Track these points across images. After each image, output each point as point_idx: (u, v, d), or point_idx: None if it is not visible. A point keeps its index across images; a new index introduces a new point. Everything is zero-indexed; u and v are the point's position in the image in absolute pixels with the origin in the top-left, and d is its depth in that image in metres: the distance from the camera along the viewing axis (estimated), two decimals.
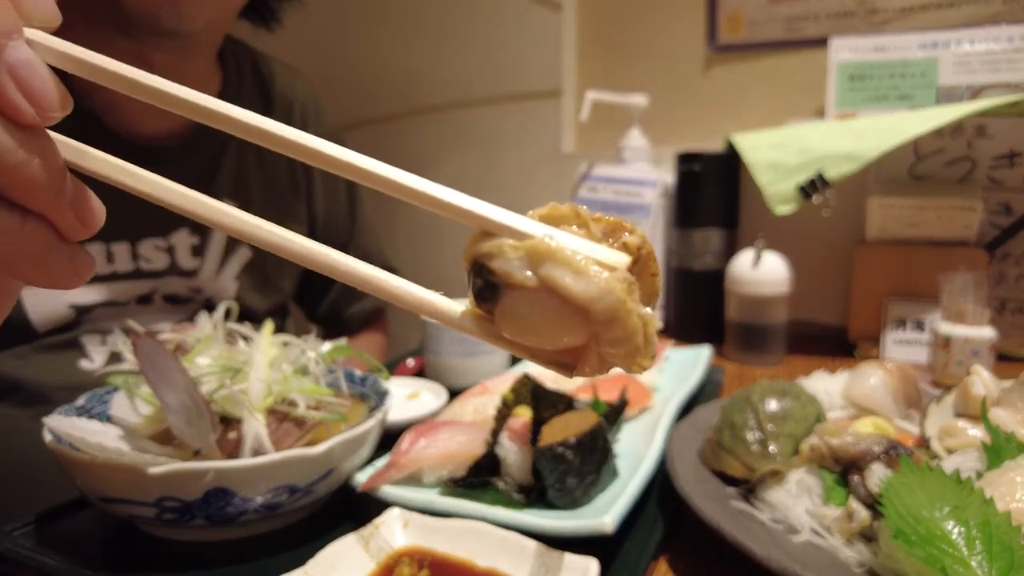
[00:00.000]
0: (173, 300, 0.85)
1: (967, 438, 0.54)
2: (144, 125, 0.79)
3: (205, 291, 0.87)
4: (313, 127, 1.00)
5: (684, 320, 1.15)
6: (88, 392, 0.60)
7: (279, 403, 0.55)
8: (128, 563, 0.50)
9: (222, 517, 0.49)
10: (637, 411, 0.71)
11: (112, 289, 0.79)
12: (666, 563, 0.50)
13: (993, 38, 1.04)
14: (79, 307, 0.77)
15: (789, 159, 0.95)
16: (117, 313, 0.80)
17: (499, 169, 1.48)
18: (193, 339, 0.59)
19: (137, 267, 0.80)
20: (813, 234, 1.09)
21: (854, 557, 0.45)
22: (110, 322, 0.80)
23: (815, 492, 0.51)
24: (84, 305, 0.77)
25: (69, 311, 0.76)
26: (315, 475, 0.51)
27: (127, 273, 0.80)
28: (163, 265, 0.82)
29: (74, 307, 0.77)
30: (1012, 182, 0.98)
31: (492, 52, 1.44)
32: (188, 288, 0.85)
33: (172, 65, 0.77)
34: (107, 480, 0.48)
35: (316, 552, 0.45)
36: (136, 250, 0.80)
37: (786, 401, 0.57)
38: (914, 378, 0.67)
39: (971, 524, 0.40)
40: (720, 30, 1.29)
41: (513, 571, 0.45)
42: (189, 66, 0.82)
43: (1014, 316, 0.99)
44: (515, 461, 0.54)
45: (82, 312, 0.78)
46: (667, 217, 1.19)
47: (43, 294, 0.74)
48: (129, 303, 0.81)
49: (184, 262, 0.84)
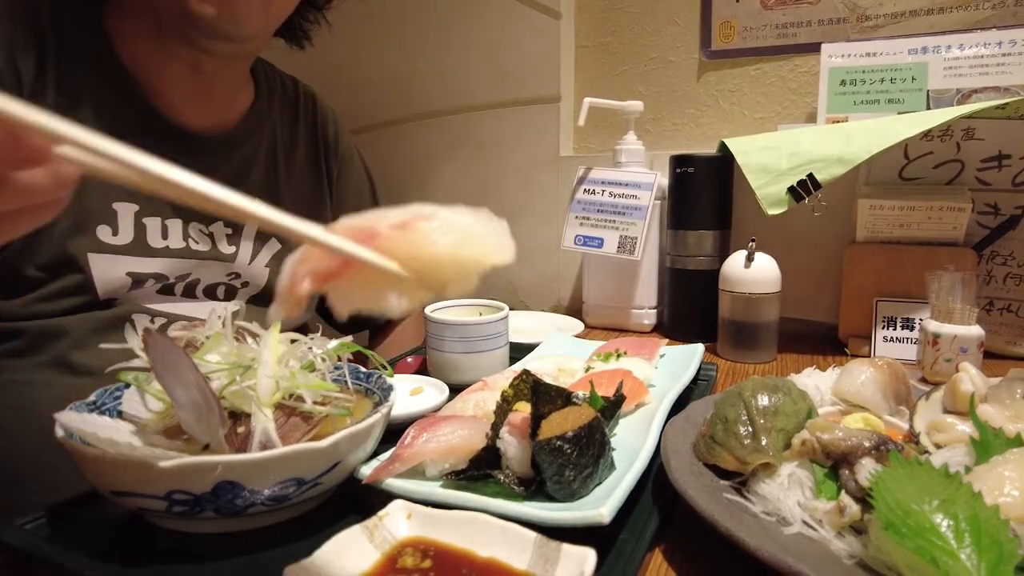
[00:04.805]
0: (213, 285, 0.91)
1: (956, 433, 0.55)
2: (194, 119, 0.89)
3: (243, 276, 0.93)
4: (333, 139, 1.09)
5: (678, 319, 1.16)
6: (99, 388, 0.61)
7: (287, 398, 0.56)
8: (138, 555, 0.51)
9: (231, 509, 0.50)
10: (633, 406, 0.73)
11: (164, 263, 0.85)
12: (661, 553, 0.52)
13: (982, 43, 1.05)
14: (135, 275, 0.82)
15: (781, 162, 0.97)
16: (164, 290, 0.86)
17: (499, 172, 1.49)
18: (203, 336, 0.60)
19: (187, 246, 0.87)
20: (804, 235, 1.11)
21: (845, 549, 0.45)
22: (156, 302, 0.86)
23: (806, 485, 0.51)
24: (139, 274, 0.83)
25: (126, 278, 0.82)
26: (321, 468, 0.52)
27: (178, 250, 0.86)
28: (206, 248, 0.89)
29: (130, 275, 0.82)
30: (1000, 183, 1.00)
31: (494, 59, 1.46)
32: (227, 272, 0.92)
33: (218, 72, 0.89)
34: (118, 474, 0.49)
35: (322, 543, 0.46)
36: (187, 230, 0.87)
37: (777, 396, 0.57)
38: (903, 375, 0.68)
39: (960, 517, 0.40)
40: (714, 37, 1.31)
41: (513, 561, 0.46)
42: (231, 74, 0.93)
43: (1002, 315, 1.01)
44: (515, 454, 0.56)
45: (136, 283, 0.83)
46: (662, 218, 1.20)
47: (106, 262, 0.81)
48: (176, 282, 0.87)
49: (223, 247, 0.91)
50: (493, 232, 0.40)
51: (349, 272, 0.37)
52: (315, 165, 1.06)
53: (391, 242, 0.37)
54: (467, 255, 0.38)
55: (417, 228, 0.37)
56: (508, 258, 0.39)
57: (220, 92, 0.92)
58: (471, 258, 0.38)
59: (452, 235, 0.38)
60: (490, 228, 0.40)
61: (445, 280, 0.38)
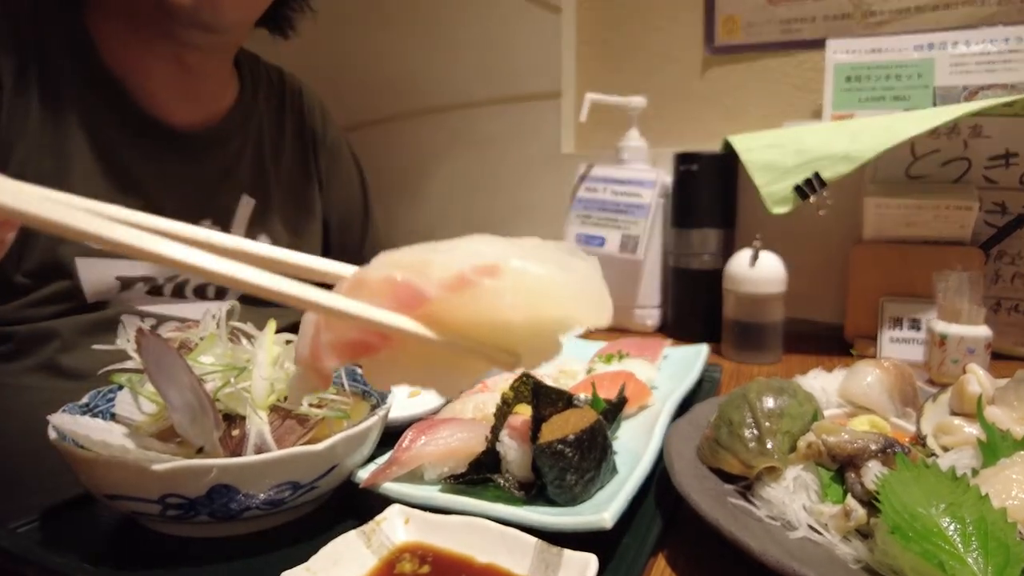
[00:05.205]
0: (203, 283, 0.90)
1: (963, 436, 0.54)
2: (178, 115, 0.88)
3: None
4: (321, 130, 1.08)
5: (682, 319, 1.15)
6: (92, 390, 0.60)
7: (282, 401, 0.56)
8: (132, 559, 0.51)
9: (226, 513, 0.49)
10: (636, 409, 0.72)
11: (153, 265, 0.84)
12: (664, 559, 0.51)
13: (989, 39, 1.04)
14: (124, 279, 0.82)
15: (786, 160, 0.96)
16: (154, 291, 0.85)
17: (499, 169, 1.48)
18: (197, 337, 0.59)
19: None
20: (810, 234, 1.10)
21: (851, 554, 0.45)
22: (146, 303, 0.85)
23: (812, 489, 0.51)
24: (128, 277, 0.82)
25: (115, 282, 0.81)
26: (317, 472, 0.52)
27: None
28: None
29: (119, 278, 0.82)
30: (1007, 182, 0.99)
31: (493, 54, 1.45)
32: None
33: (201, 65, 0.87)
34: (111, 477, 0.48)
35: (319, 548, 0.46)
36: None
37: (783, 399, 0.57)
38: (910, 376, 0.68)
39: (967, 521, 0.40)
40: (717, 32, 1.30)
41: (513, 567, 0.45)
42: (215, 68, 0.92)
43: (1009, 315, 1.00)
44: (515, 458, 0.55)
45: (125, 286, 0.82)
46: (665, 217, 1.19)
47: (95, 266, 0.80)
48: (165, 283, 0.86)
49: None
50: (580, 281, 0.29)
51: (390, 345, 0.29)
52: (303, 158, 1.05)
53: (445, 308, 0.28)
54: (547, 316, 0.28)
55: (479, 288, 0.28)
56: (603, 317, 0.29)
57: (203, 87, 0.91)
58: (552, 320, 0.28)
59: (526, 295, 0.28)
60: (576, 276, 0.29)
61: (518, 350, 0.29)
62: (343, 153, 1.13)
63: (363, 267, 0.29)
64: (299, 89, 1.08)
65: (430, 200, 1.58)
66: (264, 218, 0.96)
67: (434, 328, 0.28)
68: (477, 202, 1.53)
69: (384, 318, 0.27)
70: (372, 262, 0.30)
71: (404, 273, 0.28)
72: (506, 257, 0.28)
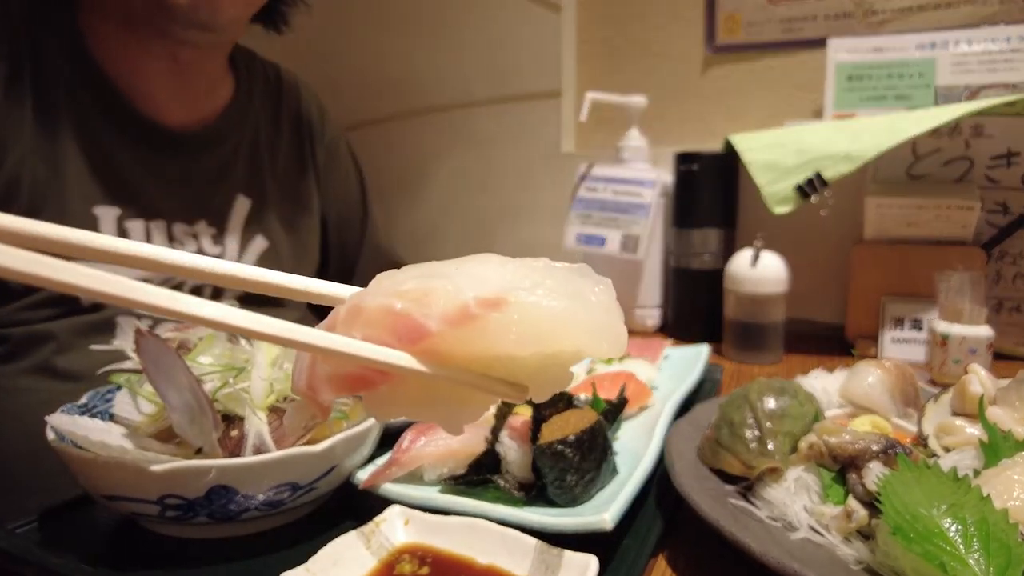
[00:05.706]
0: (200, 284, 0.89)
1: (964, 436, 0.54)
2: (173, 115, 0.88)
3: None
4: (319, 127, 1.07)
5: (683, 319, 1.15)
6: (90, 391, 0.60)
7: (281, 401, 0.56)
8: (131, 560, 0.51)
9: (224, 514, 0.49)
10: (636, 409, 0.72)
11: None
12: (665, 560, 0.51)
13: (991, 38, 1.04)
14: None
15: (787, 159, 0.96)
16: None
17: (499, 169, 1.48)
18: (196, 338, 0.59)
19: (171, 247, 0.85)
20: (811, 233, 1.09)
21: (852, 555, 0.45)
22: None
23: (813, 490, 0.51)
24: None
25: None
26: (316, 473, 0.51)
27: None
28: (192, 249, 0.87)
29: None
30: (1009, 181, 0.99)
31: (492, 53, 1.45)
32: None
33: (196, 63, 0.87)
34: (110, 478, 0.48)
35: (318, 549, 0.45)
36: (171, 231, 0.86)
37: (784, 399, 0.57)
38: (912, 377, 0.67)
39: (968, 521, 0.40)
40: (718, 31, 1.29)
41: (513, 568, 0.45)
42: (210, 66, 0.91)
43: (1011, 315, 1.00)
44: (515, 459, 0.55)
45: None
46: (666, 216, 1.19)
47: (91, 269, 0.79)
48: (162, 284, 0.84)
49: (208, 248, 0.90)
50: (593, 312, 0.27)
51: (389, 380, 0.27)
52: (300, 155, 1.04)
53: (447, 342, 0.26)
54: (556, 351, 0.26)
55: (483, 321, 0.26)
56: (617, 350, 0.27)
57: (198, 85, 0.90)
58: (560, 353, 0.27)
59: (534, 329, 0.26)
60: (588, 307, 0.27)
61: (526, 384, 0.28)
62: (341, 150, 1.12)
63: (360, 292, 0.28)
64: (296, 86, 1.07)
65: (430, 200, 1.58)
66: (260, 217, 0.96)
67: (435, 363, 0.26)
68: (477, 202, 1.53)
69: (382, 356, 0.26)
70: (370, 286, 0.28)
71: (404, 304, 0.26)
72: (513, 288, 0.26)
